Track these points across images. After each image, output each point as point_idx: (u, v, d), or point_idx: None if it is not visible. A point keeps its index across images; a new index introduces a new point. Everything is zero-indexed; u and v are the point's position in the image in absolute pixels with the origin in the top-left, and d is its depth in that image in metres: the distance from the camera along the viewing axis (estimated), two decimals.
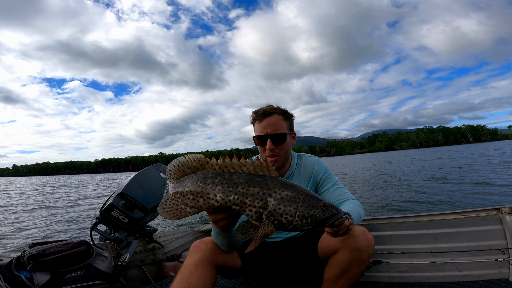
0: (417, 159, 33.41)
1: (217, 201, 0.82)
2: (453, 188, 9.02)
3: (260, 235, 0.78)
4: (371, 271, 1.78)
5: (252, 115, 1.50)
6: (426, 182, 11.36)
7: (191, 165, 0.88)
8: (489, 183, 9.31)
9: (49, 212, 9.73)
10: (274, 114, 1.45)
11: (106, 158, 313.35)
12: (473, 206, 5.13)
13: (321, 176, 1.56)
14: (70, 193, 17.63)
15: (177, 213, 0.87)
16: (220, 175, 0.83)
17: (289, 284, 1.64)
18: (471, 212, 1.76)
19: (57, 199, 14.18)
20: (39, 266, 1.62)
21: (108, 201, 2.01)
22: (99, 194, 16.36)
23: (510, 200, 6.94)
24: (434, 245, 1.77)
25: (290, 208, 0.78)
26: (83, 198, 14.18)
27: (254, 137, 1.48)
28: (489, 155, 26.86)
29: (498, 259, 1.62)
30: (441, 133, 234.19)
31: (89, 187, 24.32)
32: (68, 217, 8.42)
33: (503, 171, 12.37)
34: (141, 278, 2.18)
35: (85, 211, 9.63)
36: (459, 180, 10.83)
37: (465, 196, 7.56)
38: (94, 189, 21.12)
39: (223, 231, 1.11)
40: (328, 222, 0.80)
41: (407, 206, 7.13)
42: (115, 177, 51.25)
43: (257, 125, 1.47)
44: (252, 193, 0.80)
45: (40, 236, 6.30)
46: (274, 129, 1.42)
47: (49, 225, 7.43)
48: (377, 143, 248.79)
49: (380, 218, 1.95)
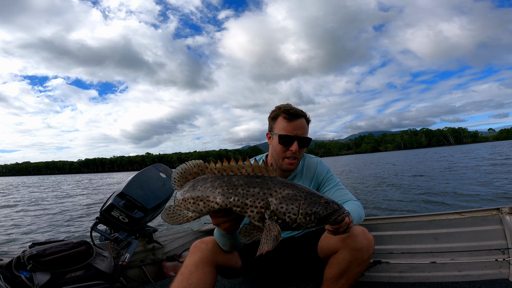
0: (413, 159, 33.48)
1: (217, 204, 0.82)
2: (453, 189, 9.03)
3: (271, 236, 0.77)
4: (371, 271, 1.78)
5: (281, 112, 1.42)
6: (425, 182, 11.37)
7: (192, 171, 0.90)
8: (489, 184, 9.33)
9: (49, 212, 9.73)
10: (302, 117, 1.42)
11: (90, 158, 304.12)
12: (473, 206, 5.14)
13: (323, 177, 1.56)
14: (70, 193, 17.63)
15: (180, 218, 0.89)
16: (220, 178, 0.84)
17: (289, 284, 1.64)
18: (471, 212, 1.76)
19: (57, 199, 14.18)
20: (39, 266, 1.61)
21: (108, 201, 2.01)
22: (99, 194, 16.36)
23: (510, 200, 6.94)
24: (434, 245, 1.77)
25: (293, 206, 0.78)
26: (83, 198, 14.18)
27: (280, 135, 1.39)
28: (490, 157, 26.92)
29: (498, 259, 1.62)
30: (424, 135, 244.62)
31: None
32: (68, 217, 8.41)
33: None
34: (141, 278, 2.18)
35: (85, 211, 9.63)
36: (459, 180, 10.85)
37: (465, 196, 7.57)
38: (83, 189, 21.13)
39: (227, 233, 1.11)
40: (331, 218, 0.81)
41: (407, 206, 7.13)
42: (92, 178, 50.90)
43: (285, 124, 1.40)
44: (252, 193, 0.80)
45: (40, 236, 6.30)
46: (303, 133, 1.41)
47: (49, 225, 7.42)
48: (364, 145, 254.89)
49: (380, 218, 1.95)
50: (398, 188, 10.23)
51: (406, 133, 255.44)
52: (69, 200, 13.68)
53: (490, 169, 13.70)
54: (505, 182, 9.34)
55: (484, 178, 10.74)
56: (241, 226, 0.85)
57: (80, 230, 6.58)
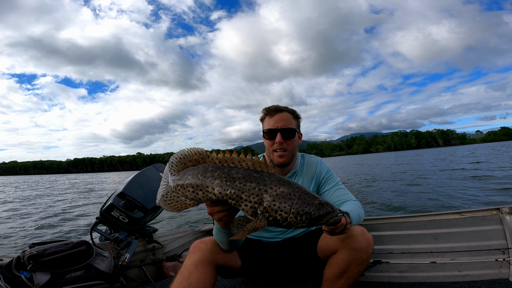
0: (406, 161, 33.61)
1: (215, 195, 0.83)
2: (454, 189, 9.03)
3: (250, 227, 0.79)
4: (371, 271, 1.78)
5: (263, 111, 1.55)
6: (425, 182, 11.38)
7: (192, 158, 0.90)
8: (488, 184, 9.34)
9: (49, 212, 9.73)
10: (285, 111, 1.51)
11: (79, 158, 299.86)
12: (473, 206, 5.13)
13: (323, 176, 1.57)
14: (70, 193, 17.65)
15: (178, 205, 0.89)
16: (220, 169, 0.84)
17: (289, 284, 1.64)
18: (471, 212, 1.75)
19: (57, 199, 14.20)
20: (39, 266, 1.62)
21: (108, 201, 2.01)
22: (100, 194, 16.37)
23: (510, 200, 6.93)
24: (434, 245, 1.77)
25: (285, 205, 0.79)
26: (83, 198, 14.19)
27: (264, 131, 1.52)
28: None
29: (498, 259, 1.62)
30: (414, 137, 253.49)
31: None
32: (68, 217, 8.42)
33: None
34: (141, 278, 2.19)
35: (85, 211, 9.64)
36: (461, 180, 10.86)
37: (465, 197, 7.57)
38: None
39: (224, 227, 1.11)
40: (322, 219, 0.81)
41: (407, 206, 7.13)
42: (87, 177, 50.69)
43: (267, 120, 1.52)
44: (248, 188, 0.80)
45: (40, 236, 6.30)
46: (285, 124, 1.48)
47: (49, 225, 7.43)
48: (355, 146, 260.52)
49: (380, 218, 1.95)
50: (393, 191, 10.24)
51: (396, 134, 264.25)
52: (69, 200, 13.68)
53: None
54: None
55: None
56: (235, 218, 0.85)
57: (80, 230, 6.58)
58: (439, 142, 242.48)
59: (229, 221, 0.97)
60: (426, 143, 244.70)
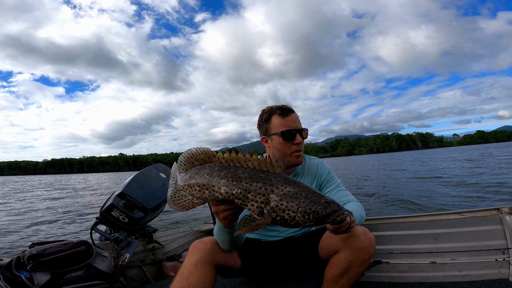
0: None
1: (221, 194, 0.83)
2: (452, 190, 9.04)
3: (254, 224, 0.80)
4: (371, 271, 1.78)
5: (270, 110, 1.49)
6: (424, 182, 11.38)
7: (199, 157, 0.90)
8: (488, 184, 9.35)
9: (49, 212, 9.72)
10: (294, 111, 1.51)
11: (57, 158, 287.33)
12: (473, 206, 5.13)
13: (324, 178, 1.57)
14: (70, 193, 17.63)
15: (186, 204, 0.90)
16: (226, 168, 0.84)
17: (289, 284, 1.64)
18: (471, 212, 1.75)
19: (57, 199, 14.18)
20: (39, 266, 1.61)
21: (108, 201, 2.01)
22: (102, 193, 16.35)
23: (510, 200, 6.93)
24: (434, 245, 1.77)
25: (292, 204, 0.79)
26: (82, 198, 14.18)
27: (281, 132, 1.43)
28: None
29: (498, 259, 1.62)
30: (395, 140, 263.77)
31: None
32: (67, 217, 8.41)
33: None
34: (141, 278, 2.19)
35: (85, 211, 9.63)
36: (459, 181, 10.86)
37: (465, 196, 7.57)
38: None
39: (226, 226, 1.11)
40: (330, 218, 0.81)
41: (406, 206, 7.13)
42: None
43: (279, 120, 1.46)
44: (254, 188, 0.81)
45: (40, 236, 6.30)
46: (300, 125, 1.48)
47: (49, 225, 7.42)
48: (339, 148, 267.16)
49: (380, 218, 1.95)
50: (385, 194, 10.25)
51: (378, 137, 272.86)
52: (68, 200, 13.67)
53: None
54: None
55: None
56: (242, 217, 0.85)
57: (80, 230, 6.58)
58: (418, 145, 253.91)
59: (233, 221, 0.97)
60: (406, 145, 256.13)
